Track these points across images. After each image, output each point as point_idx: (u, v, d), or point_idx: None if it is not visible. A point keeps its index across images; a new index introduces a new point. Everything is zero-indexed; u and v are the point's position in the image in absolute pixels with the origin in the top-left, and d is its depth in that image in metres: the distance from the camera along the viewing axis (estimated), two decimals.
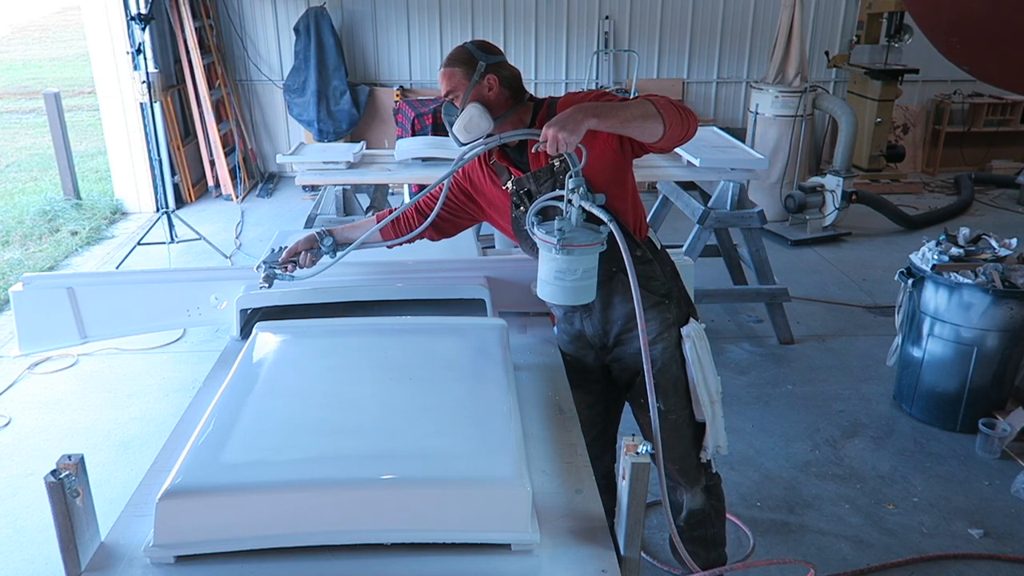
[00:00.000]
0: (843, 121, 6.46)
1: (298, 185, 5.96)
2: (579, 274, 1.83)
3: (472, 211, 2.27)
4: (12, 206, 6.96)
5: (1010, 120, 8.03)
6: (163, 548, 1.37)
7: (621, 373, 2.27)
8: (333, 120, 7.33)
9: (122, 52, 6.28)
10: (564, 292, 1.85)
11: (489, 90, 2.04)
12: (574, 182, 1.80)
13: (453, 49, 2.08)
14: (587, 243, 1.81)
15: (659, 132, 1.89)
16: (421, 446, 1.53)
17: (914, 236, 6.19)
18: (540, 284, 1.89)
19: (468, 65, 2.03)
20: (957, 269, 3.52)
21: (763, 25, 7.76)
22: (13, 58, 16.57)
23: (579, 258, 1.82)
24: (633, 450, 1.45)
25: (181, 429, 1.76)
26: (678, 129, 1.92)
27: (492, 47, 2.09)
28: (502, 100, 2.06)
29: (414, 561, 1.38)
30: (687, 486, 2.32)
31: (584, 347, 2.26)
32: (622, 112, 1.84)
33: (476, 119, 2.01)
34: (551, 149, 1.76)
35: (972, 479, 3.32)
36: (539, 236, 1.84)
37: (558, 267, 1.83)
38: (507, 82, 2.06)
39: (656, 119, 1.87)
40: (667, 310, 2.14)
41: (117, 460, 3.41)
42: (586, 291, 1.87)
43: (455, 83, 2.04)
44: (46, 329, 2.27)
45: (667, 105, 1.90)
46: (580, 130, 1.75)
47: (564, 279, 1.83)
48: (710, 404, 2.18)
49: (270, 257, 2.19)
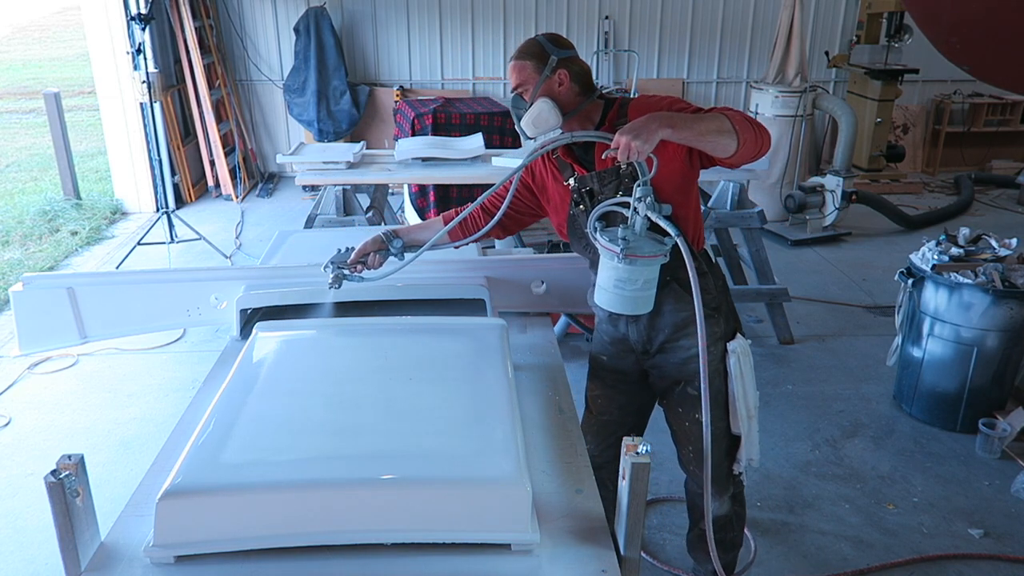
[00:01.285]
0: (843, 121, 6.46)
1: (298, 185, 5.97)
2: (639, 284, 1.81)
3: (534, 207, 2.25)
4: (12, 206, 6.96)
5: (1010, 120, 8.03)
6: (163, 548, 1.37)
7: (659, 380, 2.25)
8: (333, 120, 7.33)
9: (122, 52, 6.28)
10: (622, 301, 1.83)
11: (559, 85, 2.01)
12: (642, 191, 1.77)
13: (524, 42, 2.06)
14: (651, 254, 1.78)
15: (732, 148, 1.85)
16: (421, 446, 1.53)
17: (914, 236, 6.19)
18: (598, 291, 1.87)
19: (539, 59, 2.01)
20: (957, 269, 3.52)
21: (763, 25, 7.76)
22: (13, 58, 16.57)
23: (641, 268, 1.79)
24: (633, 450, 1.45)
25: (181, 429, 1.76)
26: (751, 146, 1.89)
27: (564, 41, 2.06)
28: (572, 96, 2.03)
29: (414, 561, 1.38)
30: (716, 494, 2.32)
31: (625, 351, 2.24)
32: (697, 125, 1.81)
33: (545, 114, 1.99)
34: (622, 156, 1.73)
35: (972, 479, 3.32)
36: (602, 243, 1.81)
37: (618, 276, 1.80)
38: (577, 77, 2.03)
39: (731, 135, 1.83)
40: (716, 324, 2.13)
41: (117, 460, 3.41)
42: (645, 301, 1.85)
43: (525, 76, 2.02)
44: (46, 329, 2.27)
45: (742, 121, 1.86)
46: (653, 139, 1.73)
47: (624, 288, 1.81)
48: (747, 419, 2.18)
49: (337, 257, 2.15)
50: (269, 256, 2.70)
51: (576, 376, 4.10)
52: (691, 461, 2.30)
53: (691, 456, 2.29)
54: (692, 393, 2.18)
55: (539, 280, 2.42)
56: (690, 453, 2.29)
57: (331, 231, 3.30)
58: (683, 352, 2.15)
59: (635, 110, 2.00)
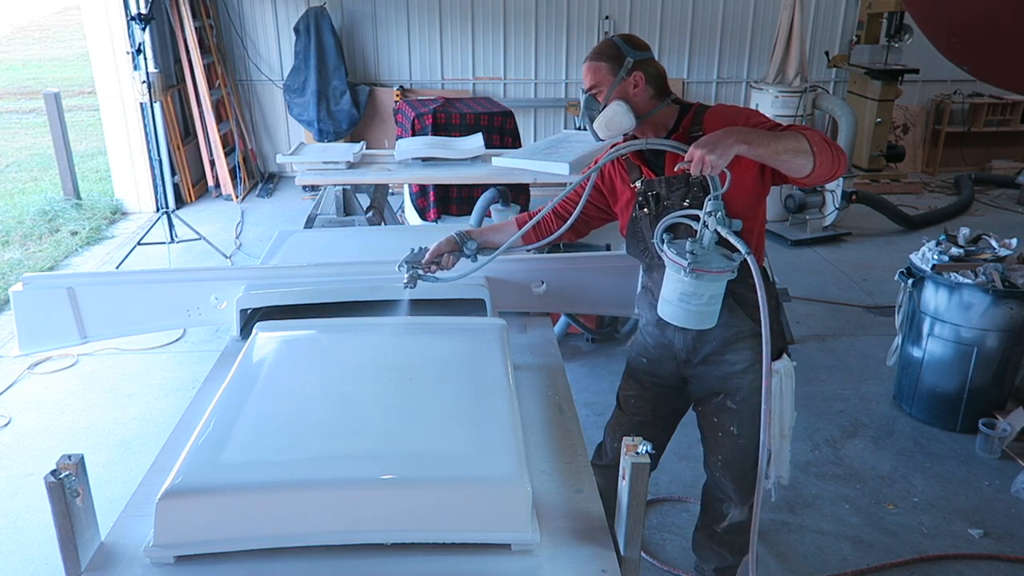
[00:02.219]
0: (843, 121, 6.46)
1: (298, 185, 5.96)
2: (704, 299, 1.78)
3: (605, 208, 2.24)
4: (12, 206, 6.96)
5: (1010, 120, 8.03)
6: (163, 548, 1.37)
7: (697, 389, 2.23)
8: (333, 120, 7.33)
9: (122, 52, 6.28)
10: (686, 315, 1.81)
11: (634, 87, 1.99)
12: (713, 205, 1.74)
13: (600, 42, 2.04)
14: (718, 270, 1.76)
15: (807, 170, 1.83)
16: (421, 446, 1.53)
17: (914, 236, 6.19)
18: (662, 303, 1.85)
19: (615, 60, 1.98)
20: (957, 269, 3.52)
21: (763, 25, 7.76)
22: (13, 58, 16.57)
23: (707, 284, 1.77)
24: (633, 450, 1.45)
25: (181, 429, 1.76)
26: (826, 169, 1.86)
27: (640, 42, 2.04)
28: (646, 99, 2.01)
29: (414, 561, 1.38)
30: (738, 502, 2.33)
31: (667, 357, 2.22)
32: (774, 143, 1.78)
33: (619, 117, 1.97)
34: (695, 170, 1.71)
35: (972, 479, 3.32)
36: (668, 255, 1.79)
37: (684, 289, 1.78)
38: (653, 80, 2.01)
39: (807, 155, 1.80)
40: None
41: (117, 460, 3.41)
42: (709, 316, 1.83)
43: (600, 78, 2.00)
44: (46, 329, 2.27)
45: (820, 142, 1.83)
46: (728, 155, 1.70)
47: (689, 302, 1.79)
48: (780, 438, 2.17)
49: (411, 257, 2.14)
50: (269, 256, 2.70)
51: (576, 376, 4.11)
52: (718, 468, 2.30)
53: (719, 464, 2.29)
54: (731, 406, 2.17)
55: (539, 280, 2.42)
56: (719, 461, 2.28)
57: (331, 231, 3.31)
58: (727, 366, 2.13)
59: (711, 120, 1.97)
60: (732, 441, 2.20)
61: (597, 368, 4.15)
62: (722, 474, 2.29)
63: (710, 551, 2.48)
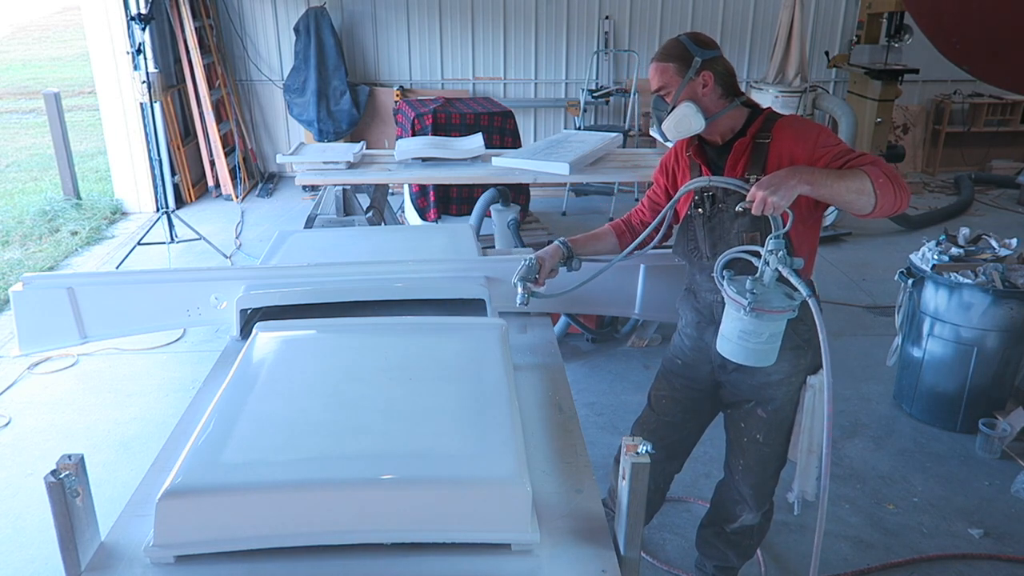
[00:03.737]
0: (843, 121, 6.46)
1: (298, 185, 5.95)
2: (764, 337, 1.77)
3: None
4: (12, 206, 6.96)
5: (1010, 120, 8.03)
6: (163, 548, 1.37)
7: (731, 395, 2.23)
8: (333, 120, 7.33)
9: (122, 52, 6.28)
10: (745, 353, 1.80)
11: (703, 87, 1.97)
12: (774, 244, 1.72)
13: (667, 42, 2.02)
14: (780, 309, 1.75)
15: (868, 209, 1.85)
16: (421, 446, 1.53)
17: (914, 236, 6.19)
18: (721, 339, 1.85)
19: (683, 61, 1.97)
20: (957, 269, 3.52)
21: (763, 25, 7.76)
22: (13, 58, 16.57)
23: (767, 323, 1.76)
24: (633, 450, 1.45)
25: (181, 429, 1.76)
26: (888, 208, 1.86)
27: (709, 41, 2.02)
28: (715, 99, 1.99)
29: (414, 561, 1.38)
30: (753, 507, 2.33)
31: (702, 360, 2.22)
32: (836, 184, 1.79)
33: (688, 118, 1.96)
34: (756, 211, 1.72)
35: (972, 479, 3.31)
36: (729, 294, 1.79)
37: (744, 327, 1.77)
38: (722, 79, 1.99)
39: (869, 196, 1.81)
40: (803, 356, 2.10)
41: (117, 460, 3.41)
42: (769, 354, 1.81)
43: (668, 79, 1.98)
44: (46, 329, 2.27)
45: (884, 182, 1.83)
46: (791, 196, 1.71)
47: (748, 340, 1.78)
48: (807, 453, 2.16)
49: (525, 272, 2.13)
50: (269, 256, 2.69)
51: (576, 376, 4.11)
52: (739, 472, 2.30)
53: (740, 468, 2.29)
54: (760, 415, 2.17)
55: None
56: (740, 465, 2.28)
57: (331, 231, 3.30)
58: (763, 376, 2.12)
59: (780, 131, 1.96)
60: (756, 448, 2.21)
61: (597, 368, 4.14)
62: (741, 478, 2.29)
63: (715, 549, 2.48)
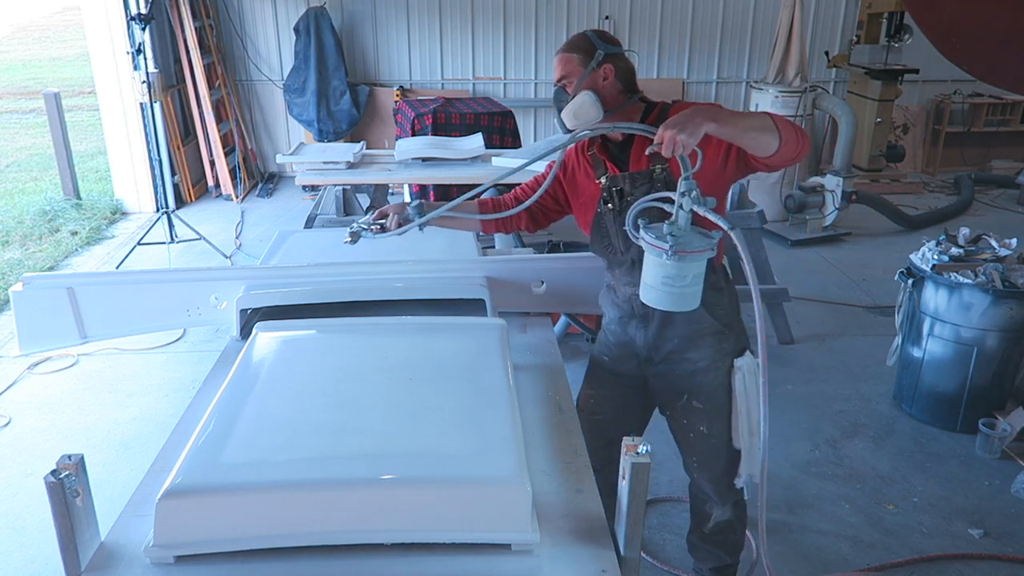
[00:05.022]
0: (843, 121, 6.46)
1: (298, 185, 5.96)
2: (688, 280, 1.77)
3: (563, 202, 2.25)
4: (12, 206, 6.96)
5: (1010, 120, 8.03)
6: (163, 548, 1.37)
7: (660, 390, 2.24)
8: (333, 120, 7.33)
9: (122, 52, 6.28)
10: (671, 298, 1.80)
11: (604, 80, 2.02)
12: (687, 185, 1.72)
13: (573, 35, 2.07)
14: (700, 249, 1.75)
15: (773, 147, 1.85)
16: (421, 446, 1.53)
17: (914, 236, 6.19)
18: (644, 289, 1.84)
19: (586, 52, 2.01)
20: (957, 269, 3.52)
21: (763, 25, 7.76)
22: (13, 58, 16.57)
23: (690, 264, 1.76)
24: (633, 450, 1.45)
25: (181, 429, 1.76)
26: (791, 148, 1.88)
27: (612, 37, 2.07)
28: (615, 92, 2.04)
29: (414, 561, 1.38)
30: (719, 502, 2.34)
31: (628, 355, 2.23)
32: (741, 121, 1.80)
33: (587, 106, 1.99)
34: (666, 151, 1.71)
35: (972, 479, 3.31)
36: (647, 240, 1.77)
37: (667, 273, 1.76)
38: (622, 75, 2.04)
39: (773, 132, 1.83)
40: (725, 340, 2.12)
41: (117, 460, 3.41)
42: (692, 297, 1.82)
43: (570, 69, 2.02)
44: (46, 329, 2.27)
45: (784, 122, 1.86)
46: (698, 133, 1.70)
47: (672, 285, 1.77)
48: (748, 435, 2.16)
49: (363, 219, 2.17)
50: (269, 256, 2.70)
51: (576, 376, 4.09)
52: (695, 469, 2.31)
53: (695, 465, 2.30)
54: (697, 406, 2.18)
55: (539, 280, 2.42)
56: (695, 462, 2.29)
57: (331, 231, 3.31)
58: (690, 365, 2.14)
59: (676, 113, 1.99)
60: (703, 441, 2.21)
61: None
62: (699, 475, 2.30)
63: (704, 552, 2.49)
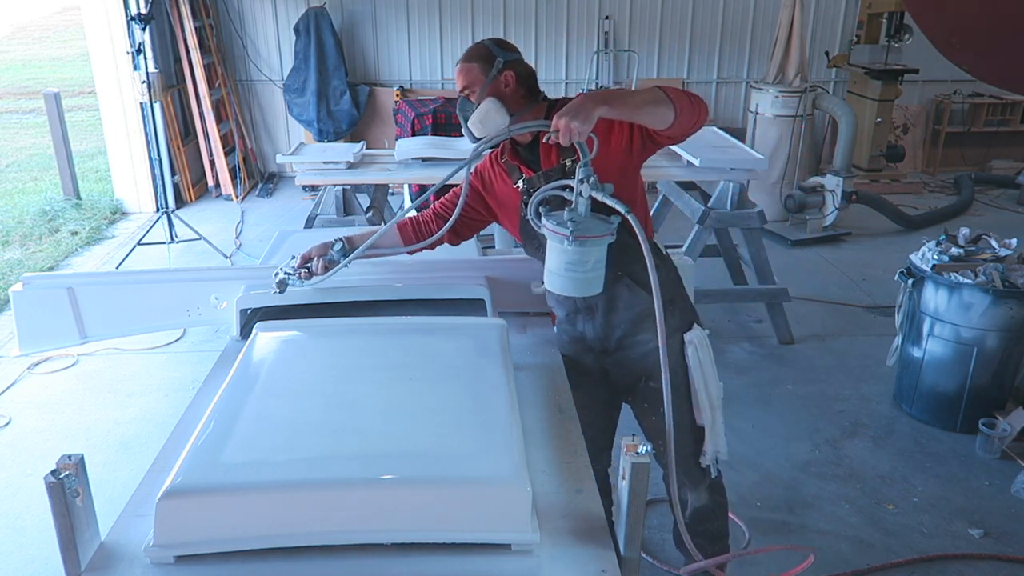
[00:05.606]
0: (843, 121, 6.46)
1: (298, 185, 5.96)
2: (589, 265, 1.81)
3: (485, 212, 2.26)
4: (12, 206, 6.96)
5: (1010, 120, 8.03)
6: (163, 548, 1.37)
7: (621, 378, 2.26)
8: (333, 120, 7.33)
9: (122, 52, 6.28)
10: (574, 283, 1.83)
11: (506, 86, 2.04)
12: (584, 171, 1.75)
13: (471, 46, 2.09)
14: (599, 234, 1.78)
15: (670, 118, 1.87)
16: (421, 446, 1.53)
17: (914, 236, 6.19)
18: (548, 275, 1.87)
19: (486, 61, 2.04)
20: (957, 269, 3.52)
21: (763, 25, 7.76)
22: (13, 58, 16.57)
23: (590, 249, 1.79)
24: (633, 450, 1.45)
25: (181, 429, 1.75)
26: (689, 116, 1.90)
27: (510, 45, 2.10)
28: (518, 97, 2.06)
29: (414, 561, 1.38)
30: (691, 486, 2.33)
31: (583, 350, 2.25)
32: (633, 98, 1.83)
33: (492, 114, 2.01)
34: (563, 139, 1.73)
35: (972, 479, 3.32)
36: (549, 227, 1.80)
37: (568, 259, 1.79)
38: (523, 79, 2.07)
39: (667, 104, 1.85)
40: (671, 316, 2.13)
41: (117, 460, 3.41)
42: (595, 282, 1.85)
43: (472, 78, 2.05)
44: (46, 329, 2.26)
45: (676, 92, 1.89)
46: (591, 118, 1.72)
47: (575, 271, 1.81)
48: (710, 410, 2.17)
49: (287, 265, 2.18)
50: (269, 256, 2.70)
51: None
52: (662, 455, 2.29)
53: (662, 450, 2.28)
54: (654, 387, 2.18)
55: (539, 280, 2.42)
56: (660, 447, 2.27)
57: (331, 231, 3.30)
58: (641, 347, 2.16)
59: None
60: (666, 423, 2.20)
61: None
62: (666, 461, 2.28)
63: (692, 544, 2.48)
